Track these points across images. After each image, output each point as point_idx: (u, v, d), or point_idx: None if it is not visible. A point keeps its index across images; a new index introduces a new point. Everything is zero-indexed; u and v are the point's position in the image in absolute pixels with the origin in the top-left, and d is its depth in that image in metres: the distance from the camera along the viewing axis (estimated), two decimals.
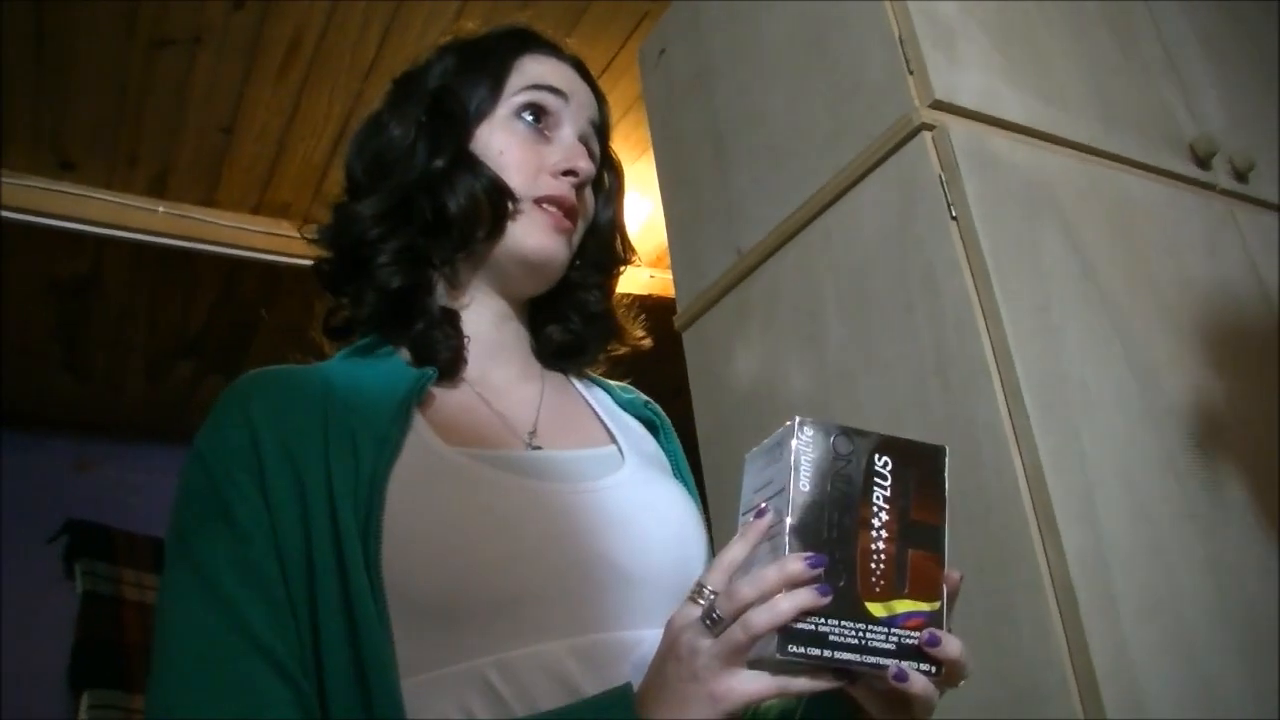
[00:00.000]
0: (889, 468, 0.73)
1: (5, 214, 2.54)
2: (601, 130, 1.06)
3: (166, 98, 2.44)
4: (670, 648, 0.70)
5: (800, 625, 0.67)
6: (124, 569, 3.53)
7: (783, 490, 0.72)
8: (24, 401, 3.63)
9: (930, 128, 1.35)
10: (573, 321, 1.05)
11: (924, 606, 0.71)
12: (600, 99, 1.06)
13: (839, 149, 1.48)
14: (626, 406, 1.05)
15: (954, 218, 1.29)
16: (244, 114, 2.53)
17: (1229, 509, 1.32)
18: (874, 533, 0.71)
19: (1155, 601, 1.17)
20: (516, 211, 0.95)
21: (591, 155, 1.01)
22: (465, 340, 0.94)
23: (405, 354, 0.93)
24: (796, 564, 0.67)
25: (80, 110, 2.43)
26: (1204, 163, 1.63)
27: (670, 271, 1.91)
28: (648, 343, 1.10)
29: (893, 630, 0.69)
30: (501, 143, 0.97)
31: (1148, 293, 1.41)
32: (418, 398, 0.87)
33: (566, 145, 0.99)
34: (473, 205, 0.93)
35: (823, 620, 0.68)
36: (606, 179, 1.08)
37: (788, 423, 0.74)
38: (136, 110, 2.46)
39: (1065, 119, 1.49)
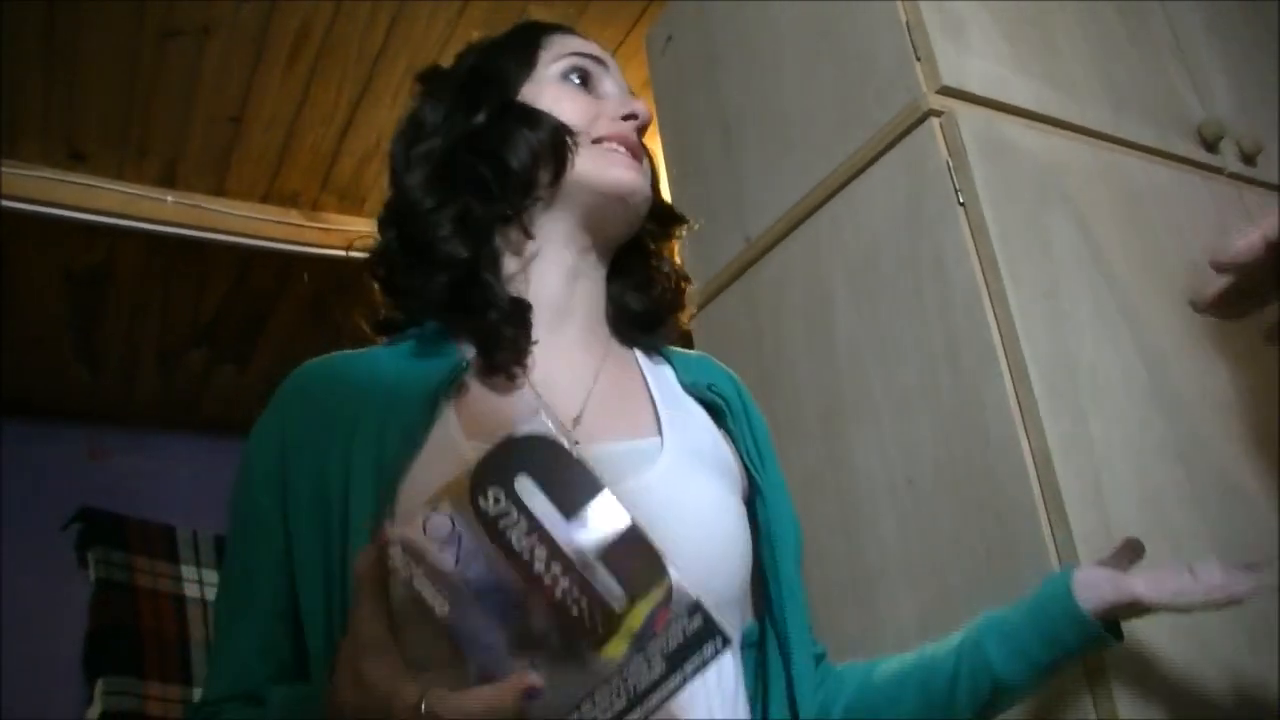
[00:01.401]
0: (503, 498, 0.58)
1: (17, 205, 2.55)
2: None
3: (176, 88, 2.44)
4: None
5: None
6: (137, 557, 3.55)
7: (432, 620, 0.58)
8: (38, 392, 3.65)
9: (938, 114, 1.35)
10: (653, 287, 1.01)
11: (656, 593, 0.57)
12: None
13: (847, 136, 1.48)
14: (690, 388, 0.98)
15: (962, 204, 1.30)
16: (253, 103, 2.53)
17: (1237, 494, 1.32)
18: (546, 579, 0.57)
19: None
20: (579, 148, 0.91)
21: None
22: (535, 316, 0.90)
23: (465, 349, 0.91)
24: (513, 686, 0.56)
25: (90, 101, 2.44)
26: (1212, 146, 1.63)
27: (677, 258, 1.91)
28: (687, 323, 1.07)
29: (649, 649, 0.56)
30: (551, 98, 0.94)
31: (1156, 277, 1.42)
32: (448, 389, 0.86)
33: (619, 96, 0.97)
34: (534, 154, 0.90)
35: (578, 711, 0.55)
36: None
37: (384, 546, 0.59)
38: (146, 100, 2.47)
39: (1073, 104, 1.49)
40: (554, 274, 0.94)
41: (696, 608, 0.58)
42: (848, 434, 1.42)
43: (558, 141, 0.90)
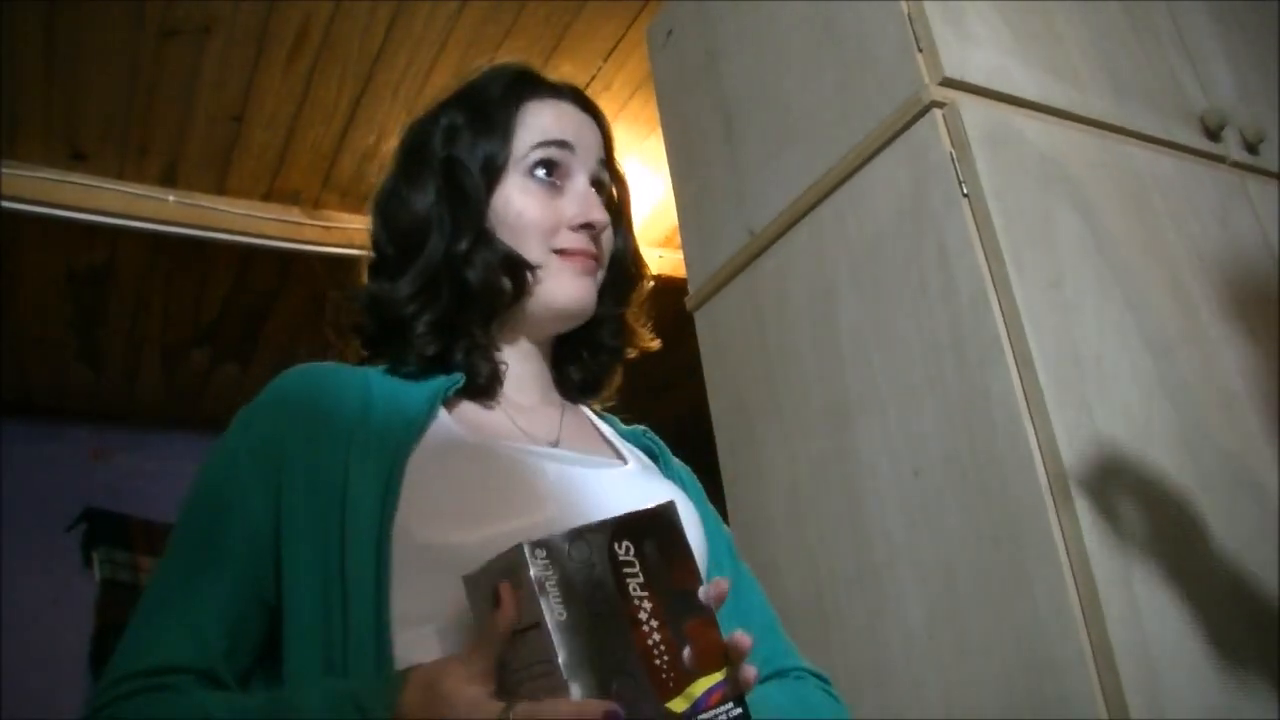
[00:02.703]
0: (631, 552, 0.70)
1: (19, 206, 2.56)
2: (607, 153, 1.11)
3: (176, 87, 2.44)
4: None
5: None
6: (141, 556, 3.55)
7: (537, 626, 0.67)
8: (40, 392, 3.65)
9: (941, 105, 1.35)
10: (589, 357, 1.13)
11: (718, 677, 0.69)
12: (599, 120, 1.11)
13: (850, 128, 1.48)
14: (628, 437, 1.11)
15: (965, 195, 1.30)
16: (253, 102, 2.53)
17: (1242, 482, 1.32)
18: (645, 628, 0.68)
19: (1171, 573, 1.18)
20: (539, 272, 1.01)
21: (603, 191, 1.07)
22: (503, 366, 1.02)
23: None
24: (596, 707, 0.65)
25: (91, 101, 2.44)
26: (1215, 135, 1.63)
27: (680, 252, 1.91)
28: (655, 345, 1.17)
29: (700, 717, 0.68)
30: (519, 204, 1.02)
31: (1160, 266, 1.42)
32: (445, 396, 0.94)
33: (580, 195, 1.04)
34: (493, 280, 0.99)
35: None
36: (616, 194, 1.13)
37: (511, 550, 0.69)
38: (147, 100, 2.47)
39: (1076, 94, 1.49)
40: (512, 355, 1.05)
41: (741, 700, 0.70)
42: (853, 426, 1.42)
43: (517, 277, 1.00)
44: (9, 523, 3.42)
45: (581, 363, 1.13)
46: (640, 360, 1.18)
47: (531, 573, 0.67)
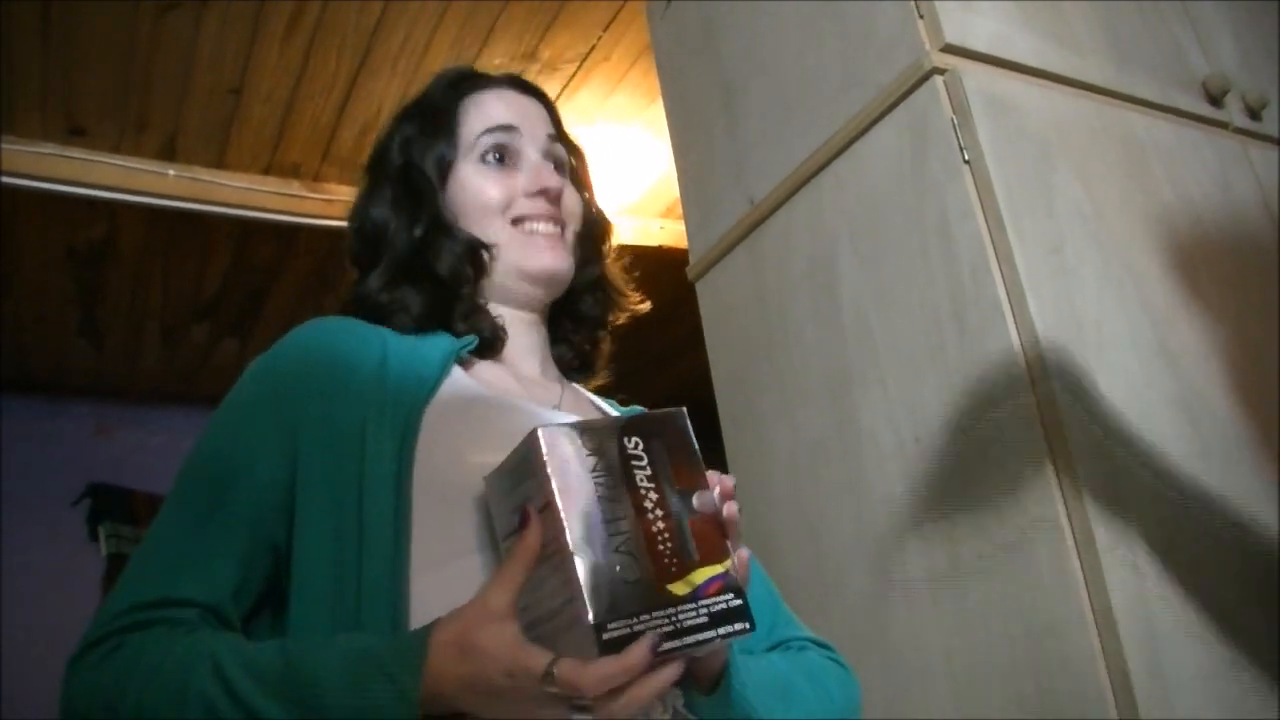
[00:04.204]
0: (640, 447, 0.74)
1: (17, 181, 2.55)
2: (556, 128, 1.15)
3: (174, 61, 2.43)
4: (502, 669, 0.70)
5: (614, 632, 0.67)
6: (146, 530, 3.58)
7: (548, 505, 0.71)
8: (44, 368, 3.66)
9: (942, 72, 1.34)
10: (575, 330, 1.17)
11: (718, 569, 0.73)
12: (542, 100, 1.16)
13: (850, 95, 1.48)
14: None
15: (967, 162, 1.30)
16: (252, 76, 2.52)
17: (1242, 446, 1.33)
18: (650, 515, 0.72)
19: (1170, 537, 1.19)
20: (502, 246, 1.05)
21: (559, 164, 1.12)
22: (501, 329, 1.05)
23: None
24: (639, 655, 0.67)
25: (89, 76, 2.43)
26: (1217, 101, 1.63)
27: (680, 222, 1.91)
28: (645, 307, 1.20)
29: (700, 603, 0.71)
30: (474, 186, 1.07)
31: (1161, 232, 1.42)
32: (459, 355, 0.98)
33: (533, 166, 1.08)
34: (454, 265, 1.04)
35: (635, 619, 0.68)
36: (574, 164, 1.18)
37: (527, 436, 0.73)
38: (145, 74, 2.46)
39: (1077, 60, 1.49)
40: (513, 328, 1.08)
41: (741, 593, 0.74)
42: (854, 395, 1.43)
43: (475, 255, 1.05)
44: (13, 499, 3.44)
45: (570, 339, 1.17)
46: (642, 331, 1.19)
47: (544, 453, 0.71)
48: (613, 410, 1.14)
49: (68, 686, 0.80)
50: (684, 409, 0.78)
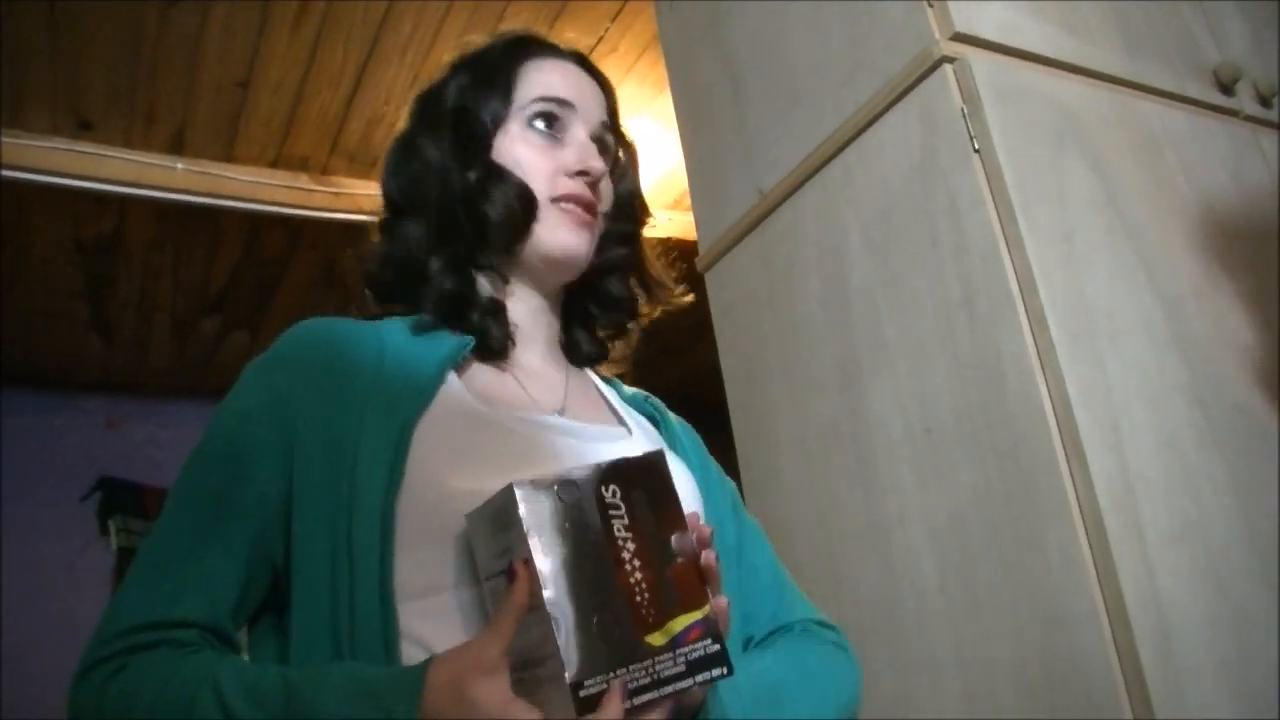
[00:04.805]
0: (618, 495, 0.75)
1: (26, 176, 2.56)
2: (612, 117, 1.13)
3: (182, 54, 2.43)
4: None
5: (591, 689, 0.68)
6: (145, 540, 3.59)
7: (527, 562, 0.71)
8: (54, 362, 3.67)
9: (951, 60, 1.34)
10: (600, 312, 1.14)
11: (697, 615, 0.74)
12: (603, 86, 1.13)
13: (859, 85, 1.47)
14: (630, 403, 1.13)
15: (977, 150, 1.29)
16: (259, 68, 2.53)
17: (1255, 435, 1.32)
18: (628, 567, 0.73)
19: (1182, 528, 1.18)
20: (540, 213, 1.03)
21: (605, 149, 1.09)
22: (513, 328, 1.03)
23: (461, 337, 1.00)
24: (613, 711, 0.68)
25: (96, 69, 2.44)
26: (1228, 89, 1.62)
27: (689, 213, 1.91)
28: (688, 299, 1.19)
29: (678, 651, 0.72)
30: (519, 152, 1.04)
31: (1173, 220, 1.41)
32: (456, 361, 0.95)
33: (580, 145, 1.06)
34: (508, 211, 1.01)
35: (612, 674, 0.69)
36: (622, 155, 1.15)
37: (504, 490, 0.73)
38: (152, 68, 2.46)
39: (1088, 48, 1.48)
40: (522, 310, 1.06)
41: (719, 638, 0.74)
42: (864, 384, 1.42)
43: (528, 208, 1.02)
44: (24, 492, 3.45)
45: (591, 320, 1.15)
46: (651, 322, 1.19)
47: (521, 511, 0.71)
48: (616, 397, 1.12)
49: (73, 706, 0.81)
50: (662, 451, 0.79)
